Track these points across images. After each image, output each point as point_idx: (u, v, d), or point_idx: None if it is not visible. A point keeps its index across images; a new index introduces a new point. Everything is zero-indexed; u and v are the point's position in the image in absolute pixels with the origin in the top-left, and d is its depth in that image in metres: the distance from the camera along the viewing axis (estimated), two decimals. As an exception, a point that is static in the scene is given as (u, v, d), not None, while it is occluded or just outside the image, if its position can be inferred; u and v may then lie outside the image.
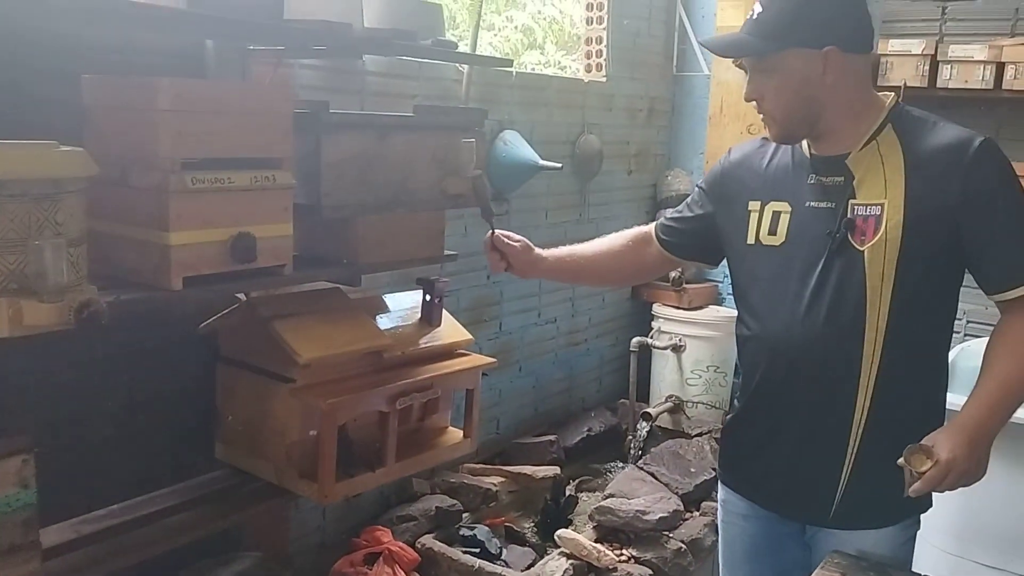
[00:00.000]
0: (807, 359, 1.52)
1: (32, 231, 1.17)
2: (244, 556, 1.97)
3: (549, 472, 2.69)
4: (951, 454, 1.38)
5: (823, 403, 1.54)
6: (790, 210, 1.55)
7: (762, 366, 1.60)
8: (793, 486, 1.61)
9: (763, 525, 1.69)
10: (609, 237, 1.87)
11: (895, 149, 1.47)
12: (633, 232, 1.86)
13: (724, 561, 1.81)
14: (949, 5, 3.01)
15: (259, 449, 1.80)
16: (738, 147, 1.72)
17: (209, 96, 1.44)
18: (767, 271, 1.58)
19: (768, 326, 1.57)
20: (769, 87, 1.48)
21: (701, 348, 3.31)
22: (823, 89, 1.46)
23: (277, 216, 1.53)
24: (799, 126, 1.51)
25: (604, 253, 1.85)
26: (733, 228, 1.64)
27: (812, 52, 1.43)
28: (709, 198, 1.72)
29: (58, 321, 1.19)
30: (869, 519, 1.56)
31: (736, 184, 1.65)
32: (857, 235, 1.47)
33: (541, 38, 4.74)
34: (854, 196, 1.48)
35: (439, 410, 2.03)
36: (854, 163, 1.49)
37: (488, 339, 2.83)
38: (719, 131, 3.31)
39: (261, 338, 1.71)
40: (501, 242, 1.77)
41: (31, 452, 1.34)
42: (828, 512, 1.57)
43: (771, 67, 1.47)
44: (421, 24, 1.83)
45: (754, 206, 1.59)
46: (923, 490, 1.40)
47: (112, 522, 1.67)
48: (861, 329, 1.48)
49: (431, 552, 2.27)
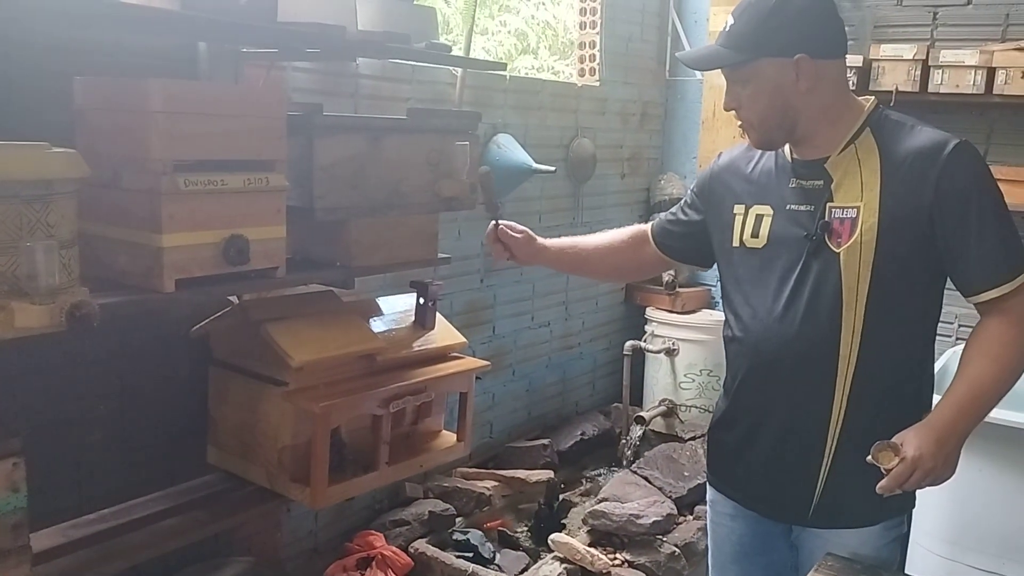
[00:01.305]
0: (785, 360, 1.54)
1: (23, 233, 1.17)
2: (236, 561, 1.97)
3: (542, 476, 2.69)
4: (917, 452, 1.39)
5: (801, 403, 1.55)
6: (772, 213, 1.57)
7: (743, 367, 1.63)
8: (772, 486, 1.62)
9: (750, 525, 1.70)
10: (610, 232, 1.90)
11: (872, 153, 1.49)
12: (632, 230, 1.88)
13: (713, 562, 1.82)
14: (940, 10, 3.02)
15: (251, 453, 1.79)
16: (727, 152, 1.74)
17: (202, 98, 1.44)
18: (749, 273, 1.61)
19: (749, 327, 1.60)
20: (745, 96, 1.52)
21: (694, 352, 3.31)
22: (797, 96, 1.48)
23: (270, 218, 1.52)
24: (776, 132, 1.54)
25: (605, 248, 1.88)
26: (720, 231, 1.67)
27: (783, 60, 1.46)
28: (700, 201, 1.74)
29: (49, 323, 1.19)
30: (849, 519, 1.57)
31: (723, 188, 1.67)
32: (834, 237, 1.49)
33: (535, 43, 4.75)
34: (832, 199, 1.51)
35: (432, 414, 2.03)
36: (832, 167, 1.51)
37: (481, 343, 2.83)
38: (712, 135, 3.32)
39: (254, 341, 1.71)
40: (505, 233, 1.82)
41: (21, 456, 1.32)
42: (807, 511, 1.58)
43: (745, 77, 1.50)
44: (414, 27, 1.83)
45: (739, 209, 1.62)
46: (890, 487, 1.41)
47: (103, 526, 1.66)
48: (837, 330, 1.50)
49: (424, 556, 2.27)
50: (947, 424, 1.44)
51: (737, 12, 1.50)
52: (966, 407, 1.45)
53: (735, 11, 1.51)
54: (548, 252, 1.86)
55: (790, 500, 1.60)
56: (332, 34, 1.56)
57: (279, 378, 1.71)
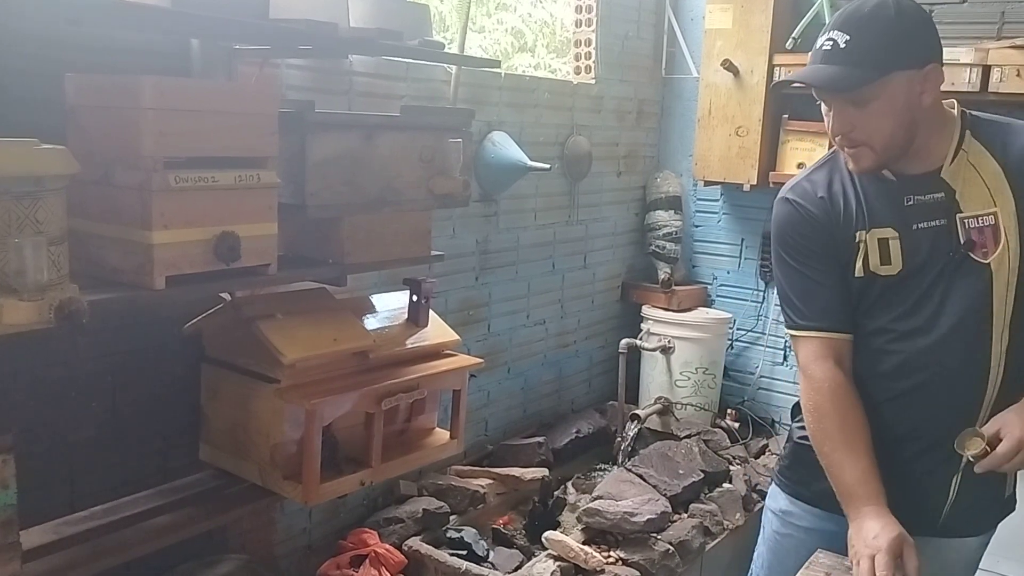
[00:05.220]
0: (932, 380, 1.50)
1: (12, 229, 1.16)
2: (229, 558, 1.97)
3: (537, 474, 2.69)
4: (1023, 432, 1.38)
5: (944, 421, 1.50)
6: (897, 236, 1.49)
7: (880, 389, 1.55)
8: (902, 498, 1.53)
9: (827, 540, 1.60)
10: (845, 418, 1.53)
11: (984, 156, 1.45)
12: (837, 382, 1.54)
13: (770, 573, 1.77)
14: (935, 8, 3.02)
15: (244, 450, 1.79)
16: (797, 190, 1.58)
17: (193, 95, 1.44)
18: (881, 298, 1.52)
19: (887, 353, 1.52)
20: (864, 117, 1.41)
21: (690, 350, 3.31)
22: (920, 109, 1.41)
23: (262, 215, 1.52)
24: (896, 152, 1.44)
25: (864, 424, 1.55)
26: (840, 266, 1.55)
27: (912, 73, 1.38)
28: (812, 252, 1.57)
29: (38, 320, 1.19)
30: (973, 527, 1.58)
31: (827, 222, 1.54)
32: (978, 248, 1.44)
33: (532, 41, 4.74)
34: (960, 210, 1.45)
35: (426, 411, 2.03)
36: (950, 176, 1.46)
37: (476, 340, 2.83)
38: (708, 133, 3.31)
39: (246, 338, 1.71)
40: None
41: (11, 452, 1.32)
42: (936, 522, 1.55)
43: (867, 96, 1.39)
44: (407, 24, 1.83)
45: (860, 236, 1.51)
46: (992, 465, 1.40)
47: (94, 524, 1.66)
48: (988, 342, 1.46)
49: (418, 554, 2.27)
50: None
51: (850, 27, 1.39)
52: None
53: (844, 26, 1.39)
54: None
55: (920, 511, 1.55)
56: (324, 31, 1.56)
57: (271, 375, 1.71)
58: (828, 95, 1.44)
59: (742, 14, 3.17)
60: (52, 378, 1.67)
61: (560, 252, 3.18)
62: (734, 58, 3.19)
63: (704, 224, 3.64)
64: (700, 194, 3.60)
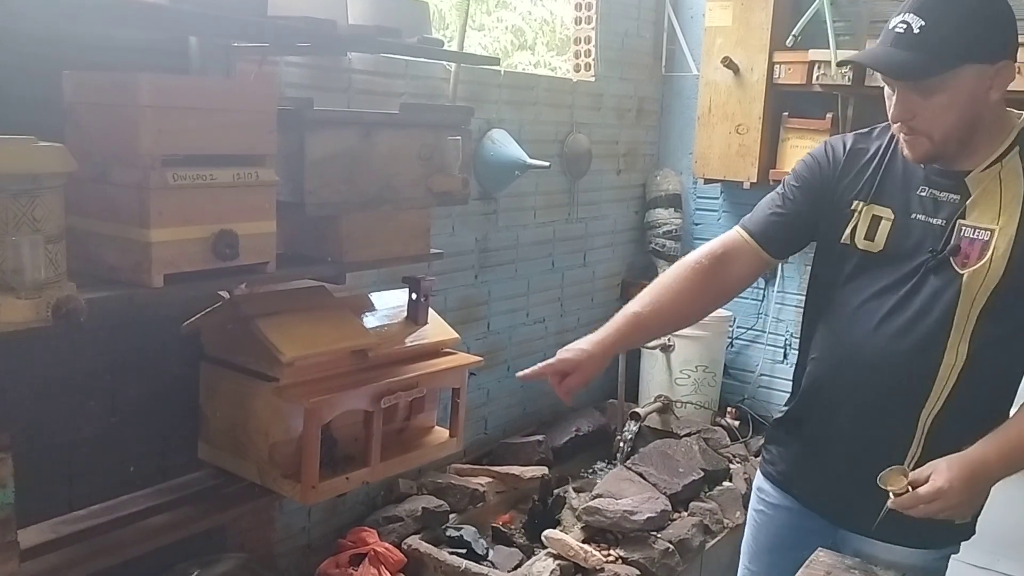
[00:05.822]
0: (879, 371, 1.48)
1: (9, 227, 1.16)
2: (228, 557, 1.96)
3: (537, 472, 2.69)
4: (947, 483, 1.34)
5: (887, 416, 1.49)
6: (892, 218, 1.48)
7: (831, 366, 1.56)
8: (842, 492, 1.57)
9: (792, 518, 1.66)
10: (671, 277, 1.64)
11: (1017, 177, 1.40)
12: (704, 255, 1.63)
13: (746, 549, 1.79)
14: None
15: (242, 449, 1.79)
16: (838, 139, 1.59)
17: (191, 93, 1.43)
18: (853, 274, 1.52)
19: (844, 329, 1.52)
20: (928, 107, 1.36)
21: (690, 348, 3.30)
22: (985, 106, 1.37)
23: (260, 213, 1.52)
24: (953, 146, 1.40)
25: (673, 298, 1.62)
26: (829, 224, 1.56)
27: (984, 67, 1.33)
28: (807, 190, 1.59)
29: (35, 318, 1.18)
30: (913, 539, 1.52)
31: (840, 178, 1.54)
32: (960, 257, 1.41)
33: (532, 39, 4.74)
34: (964, 216, 1.42)
35: (425, 410, 2.02)
36: (973, 182, 1.42)
37: (476, 339, 2.83)
38: (707, 131, 3.31)
39: (244, 336, 1.70)
40: (565, 364, 1.60)
41: (9, 451, 1.32)
42: (872, 523, 1.51)
43: (935, 86, 1.34)
44: (406, 21, 1.82)
45: (856, 206, 1.51)
46: (905, 506, 1.37)
47: (93, 523, 1.65)
48: (940, 351, 1.43)
49: (417, 553, 2.26)
50: (985, 465, 1.37)
51: (926, 11, 1.33)
52: (1009, 455, 1.39)
53: (920, 10, 1.33)
54: (612, 350, 1.59)
55: (858, 509, 1.53)
56: (322, 28, 1.55)
57: (270, 374, 1.70)
58: (894, 81, 1.40)
59: (742, 11, 3.17)
60: (50, 377, 1.66)
61: (560, 250, 3.18)
62: (734, 56, 3.18)
63: (704, 222, 3.63)
64: (700, 192, 3.60)
